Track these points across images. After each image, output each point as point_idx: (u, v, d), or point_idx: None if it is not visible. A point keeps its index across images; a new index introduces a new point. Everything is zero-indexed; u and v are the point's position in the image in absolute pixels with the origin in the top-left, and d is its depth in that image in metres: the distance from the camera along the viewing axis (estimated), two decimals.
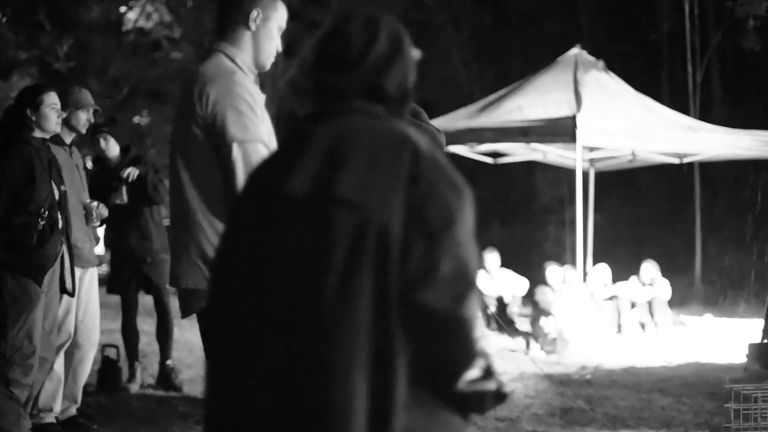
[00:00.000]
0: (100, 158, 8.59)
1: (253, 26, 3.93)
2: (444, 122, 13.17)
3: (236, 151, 3.68)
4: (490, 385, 2.36)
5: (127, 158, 8.54)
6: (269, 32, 3.97)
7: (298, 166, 2.39)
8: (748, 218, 18.82)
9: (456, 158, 15.07)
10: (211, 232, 3.72)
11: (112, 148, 8.50)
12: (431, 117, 9.97)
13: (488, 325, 13.72)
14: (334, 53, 2.53)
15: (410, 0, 23.87)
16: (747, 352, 9.56)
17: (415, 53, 2.61)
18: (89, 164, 8.81)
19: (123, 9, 23.61)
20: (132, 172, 8.35)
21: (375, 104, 2.49)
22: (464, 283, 2.28)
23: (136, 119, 23.84)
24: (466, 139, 13.10)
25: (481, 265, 14.02)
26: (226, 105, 3.72)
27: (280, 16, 4.00)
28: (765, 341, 9.70)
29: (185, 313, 3.88)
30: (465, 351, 2.29)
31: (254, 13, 3.92)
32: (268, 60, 4.01)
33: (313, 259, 2.29)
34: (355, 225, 2.28)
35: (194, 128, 3.76)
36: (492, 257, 14.34)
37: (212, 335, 2.51)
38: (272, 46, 4.00)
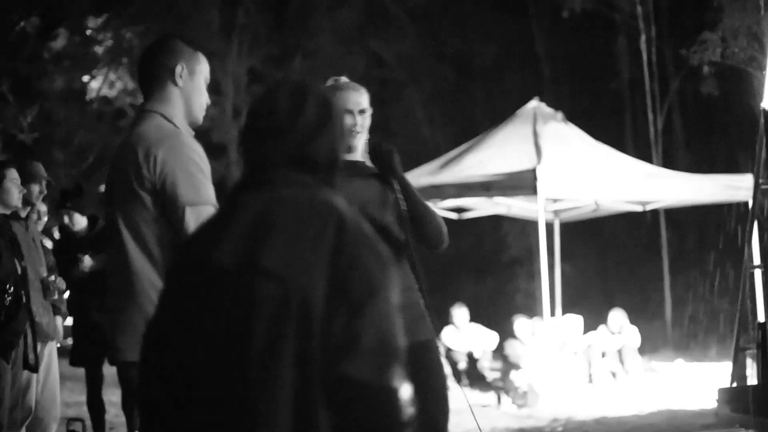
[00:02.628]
0: (65, 228, 8.59)
1: (180, 82, 3.79)
2: None
3: (189, 215, 3.55)
4: None
5: (93, 231, 8.53)
6: (197, 85, 3.83)
7: (225, 236, 2.39)
8: (715, 261, 18.93)
9: None
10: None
11: (77, 221, 8.51)
12: None
13: (459, 381, 13.71)
14: (262, 122, 2.53)
15: (372, 58, 24.08)
16: (717, 397, 9.56)
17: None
18: (56, 234, 8.80)
19: (86, 78, 23.64)
20: (90, 267, 8.31)
21: (302, 173, 2.48)
22: (387, 355, 2.28)
23: (102, 188, 23.77)
24: (428, 196, 13.10)
25: (450, 321, 14.04)
26: (176, 167, 3.59)
27: (204, 68, 3.87)
28: (734, 385, 9.70)
29: (128, 385, 3.71)
30: (390, 422, 2.28)
31: (179, 68, 3.78)
32: (200, 113, 3.88)
33: (236, 330, 2.30)
34: (278, 296, 2.28)
35: (140, 192, 3.61)
36: (461, 312, 14.33)
37: (141, 405, 2.48)
38: (202, 99, 3.86)
